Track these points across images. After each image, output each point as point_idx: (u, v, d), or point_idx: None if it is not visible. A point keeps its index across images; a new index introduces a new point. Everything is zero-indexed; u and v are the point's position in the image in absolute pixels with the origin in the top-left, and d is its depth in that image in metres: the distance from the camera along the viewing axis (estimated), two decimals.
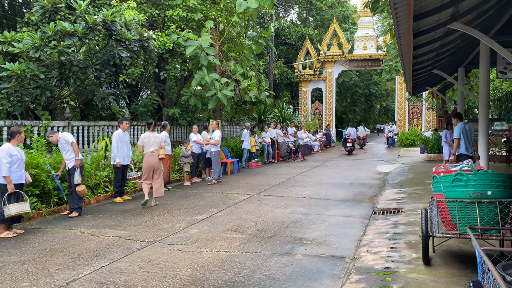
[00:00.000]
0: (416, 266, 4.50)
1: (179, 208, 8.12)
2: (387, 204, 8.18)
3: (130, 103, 16.92)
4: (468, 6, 5.77)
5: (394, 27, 5.06)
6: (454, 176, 4.08)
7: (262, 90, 16.80)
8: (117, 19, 10.21)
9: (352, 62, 29.39)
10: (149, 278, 4.40)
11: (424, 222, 4.33)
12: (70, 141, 7.33)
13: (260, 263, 4.90)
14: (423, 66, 10.07)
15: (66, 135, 7.46)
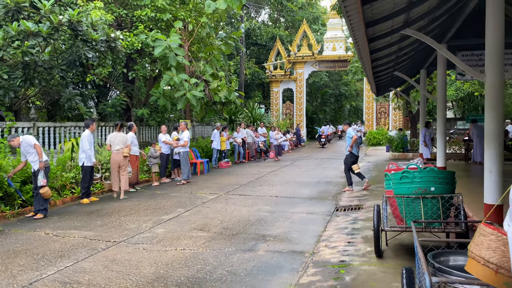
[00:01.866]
0: (369, 259, 4.79)
1: (146, 208, 8.18)
2: (349, 201, 8.52)
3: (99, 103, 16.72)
4: (419, 13, 6.14)
5: (350, 33, 5.34)
6: (402, 173, 4.39)
7: (232, 90, 16.96)
8: (83, 19, 10.14)
9: (321, 63, 29.97)
10: (113, 277, 4.50)
11: (376, 217, 4.63)
12: (33, 143, 7.31)
13: (223, 259, 5.08)
14: (384, 68, 10.51)
15: (28, 138, 7.43)
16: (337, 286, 4.06)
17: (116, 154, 9.34)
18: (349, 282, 4.15)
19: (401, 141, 17.62)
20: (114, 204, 8.67)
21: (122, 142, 9.42)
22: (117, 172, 9.37)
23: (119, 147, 9.35)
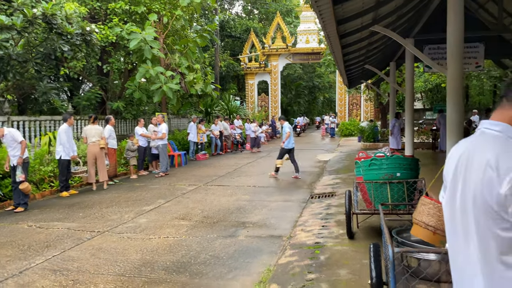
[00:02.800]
0: (341, 240, 5.18)
1: (127, 200, 8.34)
2: (323, 189, 8.94)
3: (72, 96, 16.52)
4: (387, 10, 6.53)
5: (323, 30, 5.66)
6: (371, 161, 4.77)
7: (208, 83, 17.09)
8: (57, 13, 10.07)
9: (295, 55, 30.37)
10: (101, 264, 4.71)
11: (348, 202, 5.01)
12: (20, 139, 7.41)
13: (206, 245, 5.36)
14: (356, 61, 10.94)
15: (14, 132, 7.47)
16: (313, 264, 4.42)
17: (92, 146, 9.56)
18: (323, 261, 4.51)
19: (372, 132, 18.26)
20: (94, 196, 8.78)
21: (98, 134, 9.63)
22: (93, 165, 9.58)
23: (95, 139, 9.59)
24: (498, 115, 1.40)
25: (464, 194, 1.38)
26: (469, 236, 1.36)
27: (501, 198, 1.23)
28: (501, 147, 1.29)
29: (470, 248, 1.36)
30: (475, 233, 1.33)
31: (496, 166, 1.25)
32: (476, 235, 1.33)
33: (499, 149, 1.29)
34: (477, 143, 1.40)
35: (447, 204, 1.50)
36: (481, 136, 1.41)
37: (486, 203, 1.27)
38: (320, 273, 4.17)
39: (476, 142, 1.41)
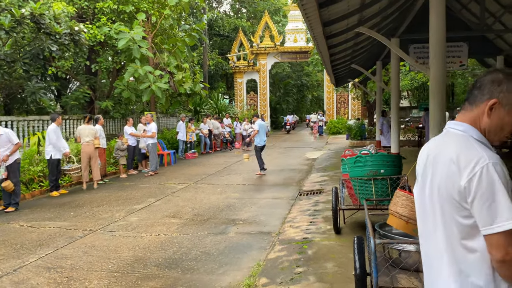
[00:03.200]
0: (328, 235, 5.36)
1: (117, 199, 8.41)
2: (311, 186, 9.12)
3: (59, 96, 16.46)
4: (372, 12, 6.72)
5: (309, 32, 5.82)
6: (356, 158, 4.95)
7: (197, 82, 17.16)
8: (46, 12, 10.06)
9: (284, 54, 30.55)
10: (94, 261, 4.81)
11: (334, 198, 5.18)
12: (15, 141, 7.45)
13: (197, 242, 5.48)
14: (342, 61, 11.15)
15: (10, 133, 7.53)
16: (301, 259, 4.58)
17: (86, 146, 9.60)
18: (311, 255, 4.68)
19: (359, 130, 18.53)
20: (84, 195, 8.83)
21: (92, 134, 9.67)
22: (87, 164, 9.62)
23: (88, 139, 9.62)
24: (461, 116, 1.56)
25: (432, 186, 1.54)
26: (436, 224, 1.52)
27: (461, 189, 1.39)
28: (462, 144, 1.45)
29: (437, 234, 1.52)
30: (440, 220, 1.49)
31: (457, 161, 1.41)
32: (442, 223, 1.49)
33: (460, 146, 1.45)
34: (443, 141, 1.57)
35: (418, 196, 1.66)
36: (446, 135, 1.58)
37: (449, 194, 1.44)
38: (307, 266, 4.33)
39: (443, 140, 1.57)
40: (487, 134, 1.51)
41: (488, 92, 1.48)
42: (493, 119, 1.48)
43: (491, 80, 1.49)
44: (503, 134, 1.51)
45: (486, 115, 1.48)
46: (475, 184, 1.35)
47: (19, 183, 7.76)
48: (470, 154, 1.40)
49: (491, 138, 1.51)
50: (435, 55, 6.21)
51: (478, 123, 1.51)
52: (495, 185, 1.33)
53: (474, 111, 1.52)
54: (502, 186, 1.33)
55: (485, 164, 1.35)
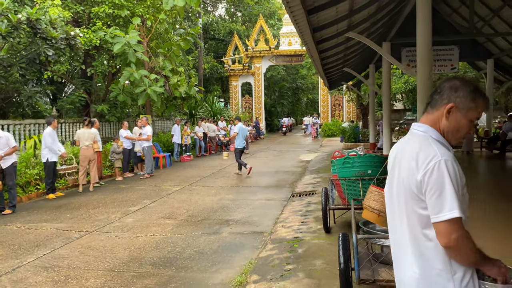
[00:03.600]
0: (319, 235, 5.52)
1: (113, 201, 8.54)
2: (304, 188, 9.29)
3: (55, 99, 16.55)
4: (361, 17, 6.92)
5: (300, 37, 6.01)
6: (344, 159, 5.13)
7: (192, 85, 17.32)
8: (42, 17, 10.19)
9: (278, 57, 30.79)
10: (91, 260, 4.94)
11: (324, 198, 5.35)
12: (13, 145, 7.60)
13: (191, 242, 5.63)
14: (335, 65, 11.35)
15: (10, 136, 7.68)
16: (291, 257, 4.74)
17: (86, 150, 9.78)
18: (301, 253, 4.84)
19: (353, 132, 18.74)
20: (80, 198, 8.95)
21: (91, 138, 9.84)
22: (86, 167, 9.80)
23: (88, 143, 9.79)
24: (424, 119, 1.74)
25: (398, 181, 1.72)
26: (402, 216, 1.69)
27: (418, 183, 1.57)
28: (422, 143, 1.63)
29: (403, 225, 1.69)
30: (405, 213, 1.66)
31: (416, 158, 1.59)
32: (406, 215, 1.66)
33: (420, 145, 1.63)
34: (408, 140, 1.75)
35: (387, 190, 1.83)
36: (411, 135, 1.76)
37: (410, 187, 1.61)
38: (297, 264, 4.49)
39: (408, 140, 1.75)
40: (445, 135, 1.68)
41: (446, 97, 1.66)
42: (451, 121, 1.66)
43: (450, 86, 1.67)
44: (460, 135, 1.68)
45: (444, 117, 1.66)
46: (427, 177, 1.53)
47: (15, 186, 7.87)
48: (427, 152, 1.57)
49: (449, 138, 1.69)
50: (422, 59, 6.41)
51: (438, 124, 1.69)
52: (444, 179, 1.51)
53: (435, 114, 1.70)
54: (451, 180, 1.51)
55: (438, 160, 1.53)
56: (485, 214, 6.05)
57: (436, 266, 1.58)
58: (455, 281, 1.56)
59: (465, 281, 1.56)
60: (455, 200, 1.49)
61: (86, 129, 9.97)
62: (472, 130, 1.72)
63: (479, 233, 2.10)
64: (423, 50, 6.33)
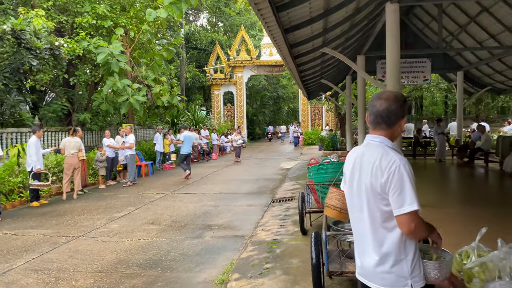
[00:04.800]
0: (296, 236, 5.89)
1: (98, 208, 8.73)
2: (284, 194, 9.68)
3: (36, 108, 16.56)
4: (335, 34, 7.40)
5: (278, 53, 6.43)
6: (319, 166, 5.53)
7: (174, 95, 17.58)
8: (26, 28, 10.37)
9: (260, 67, 31.32)
10: (79, 263, 5.18)
11: (300, 202, 5.74)
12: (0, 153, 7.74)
13: (175, 245, 5.92)
14: (312, 76, 11.86)
15: None
16: (270, 257, 5.10)
17: (71, 158, 9.98)
18: (279, 253, 5.20)
19: (331, 141, 19.29)
20: (65, 205, 9.10)
21: (76, 147, 10.08)
22: (70, 176, 9.98)
23: (73, 151, 10.00)
24: (377, 131, 2.11)
25: (359, 183, 2.09)
26: (363, 210, 2.07)
27: (382, 184, 1.95)
28: (381, 152, 2.01)
29: (364, 219, 2.07)
30: (366, 209, 2.04)
31: (379, 164, 1.97)
32: (367, 210, 2.04)
33: (381, 153, 2.00)
34: (366, 149, 2.12)
35: (347, 190, 2.21)
36: (368, 145, 2.13)
37: (374, 188, 1.99)
38: (275, 262, 4.85)
39: (365, 149, 2.12)
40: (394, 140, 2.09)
41: (400, 113, 2.06)
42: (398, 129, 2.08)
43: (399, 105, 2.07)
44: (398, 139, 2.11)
45: (400, 129, 2.07)
46: (390, 179, 1.92)
47: None
48: (387, 158, 1.97)
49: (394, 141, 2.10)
50: (391, 73, 6.91)
51: (394, 135, 2.09)
52: (404, 179, 1.90)
53: (392, 128, 2.08)
54: (409, 180, 1.91)
55: (398, 164, 1.92)
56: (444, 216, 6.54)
57: (392, 251, 1.97)
58: (407, 262, 1.96)
59: (414, 261, 1.97)
60: (414, 196, 1.89)
61: (72, 138, 10.16)
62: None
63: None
64: (392, 65, 6.83)
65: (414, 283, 1.93)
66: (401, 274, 1.94)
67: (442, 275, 1.97)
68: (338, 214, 3.28)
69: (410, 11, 14.05)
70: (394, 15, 6.75)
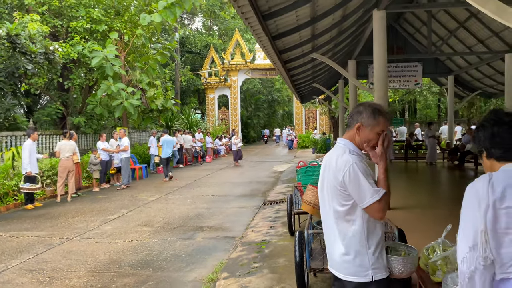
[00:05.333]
0: (284, 237, 6.06)
1: (91, 210, 8.85)
2: (275, 196, 9.84)
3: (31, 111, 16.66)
4: (324, 40, 7.60)
5: (268, 58, 6.61)
6: (306, 168, 5.71)
7: (169, 98, 17.73)
8: (21, 33, 10.49)
9: (254, 71, 31.53)
10: (73, 263, 5.31)
11: (289, 204, 5.91)
12: None
13: (167, 246, 6.06)
14: (304, 81, 12.06)
15: None
16: (258, 256, 5.26)
17: (66, 161, 10.09)
18: (267, 253, 5.36)
19: (325, 144, 19.51)
20: (59, 208, 9.21)
21: (71, 150, 10.21)
22: (65, 178, 10.08)
23: (68, 154, 10.12)
24: (344, 135, 2.30)
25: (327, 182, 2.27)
26: (330, 208, 2.24)
27: (340, 182, 2.12)
28: (340, 153, 2.19)
29: (330, 214, 2.24)
30: (331, 203, 2.22)
31: (336, 164, 2.15)
32: (332, 206, 2.21)
33: (339, 154, 2.19)
34: (333, 151, 2.31)
35: (319, 188, 2.39)
36: (335, 147, 2.32)
37: (334, 185, 2.16)
38: (263, 262, 5.01)
39: (333, 151, 2.32)
40: (360, 146, 2.26)
41: (355, 119, 2.24)
42: (361, 136, 2.23)
43: (357, 111, 2.25)
44: (371, 144, 2.24)
45: (356, 134, 2.24)
46: (347, 178, 2.09)
47: None
48: (342, 159, 2.14)
49: (363, 148, 2.25)
50: (378, 78, 7.11)
51: (354, 139, 2.26)
52: (358, 176, 2.07)
53: (351, 132, 2.27)
54: (363, 175, 2.07)
55: (351, 164, 2.09)
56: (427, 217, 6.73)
57: (354, 243, 2.14)
58: (369, 254, 2.13)
59: (377, 253, 2.13)
60: (371, 188, 2.06)
61: (67, 141, 10.28)
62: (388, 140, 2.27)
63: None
64: (379, 70, 7.03)
65: (374, 273, 2.09)
66: (363, 264, 2.11)
67: (406, 270, 2.13)
68: (312, 209, 3.51)
69: (400, 16, 14.31)
70: (381, 21, 6.95)
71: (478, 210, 1.55)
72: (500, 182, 1.56)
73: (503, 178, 1.57)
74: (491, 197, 1.54)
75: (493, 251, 1.52)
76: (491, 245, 1.53)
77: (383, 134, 2.26)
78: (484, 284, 1.53)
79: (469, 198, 1.62)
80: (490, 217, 1.53)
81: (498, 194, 1.54)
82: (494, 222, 1.53)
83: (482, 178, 1.61)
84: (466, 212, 1.63)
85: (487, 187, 1.57)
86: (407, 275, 2.17)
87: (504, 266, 1.53)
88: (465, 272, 1.56)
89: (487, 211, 1.53)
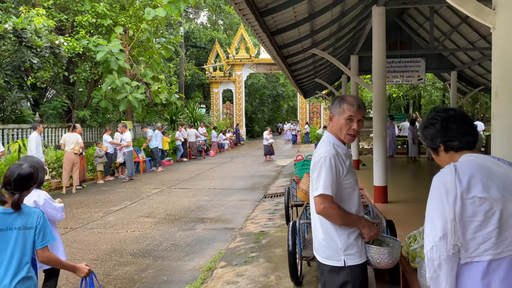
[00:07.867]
0: (282, 229, 6.20)
1: (95, 202, 9.05)
2: (276, 190, 9.99)
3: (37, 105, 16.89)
4: (324, 36, 7.67)
5: (268, 53, 6.71)
6: (303, 162, 5.84)
7: (173, 92, 17.89)
8: (27, 27, 10.66)
9: (259, 65, 31.58)
10: (76, 252, 5.50)
11: (286, 196, 6.05)
12: (1, 150, 8.03)
13: (168, 236, 6.23)
14: (306, 76, 12.13)
15: None
16: (255, 246, 5.41)
17: (71, 153, 10.26)
18: (264, 243, 5.51)
19: None
20: (64, 199, 9.26)
21: (75, 142, 10.40)
22: (69, 170, 10.25)
23: (73, 146, 10.30)
24: (328, 128, 2.43)
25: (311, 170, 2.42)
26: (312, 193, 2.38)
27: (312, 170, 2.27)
28: (320, 145, 2.33)
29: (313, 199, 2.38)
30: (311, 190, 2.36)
31: (314, 155, 2.30)
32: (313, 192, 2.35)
33: (319, 146, 2.33)
34: (319, 143, 2.44)
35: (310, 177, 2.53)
36: (321, 140, 2.45)
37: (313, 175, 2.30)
38: (260, 252, 5.16)
39: (319, 143, 2.45)
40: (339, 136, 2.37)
41: (330, 110, 2.38)
42: (334, 125, 2.36)
43: (331, 102, 2.39)
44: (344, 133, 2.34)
45: (330, 124, 2.37)
46: (316, 167, 2.24)
47: None
48: (319, 150, 2.29)
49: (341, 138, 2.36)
50: (376, 74, 7.19)
51: (332, 130, 2.39)
52: (323, 168, 2.20)
53: (330, 124, 2.40)
54: (327, 170, 2.19)
55: (323, 156, 2.23)
56: None
57: (329, 229, 2.27)
58: (341, 239, 2.24)
59: (350, 240, 2.24)
60: (327, 183, 2.17)
61: (72, 134, 10.45)
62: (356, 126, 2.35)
63: None
64: (378, 66, 7.11)
65: (347, 259, 2.20)
66: (335, 249, 2.23)
67: (383, 260, 2.20)
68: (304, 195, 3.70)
69: (404, 12, 14.30)
70: (380, 17, 7.02)
71: (447, 200, 1.61)
72: (465, 173, 1.64)
73: (467, 168, 1.66)
74: (458, 188, 1.60)
75: (460, 238, 1.62)
76: (458, 233, 1.62)
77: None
78: (452, 269, 1.64)
79: (436, 189, 1.67)
80: (458, 207, 1.59)
81: (465, 185, 1.60)
82: (462, 211, 1.59)
83: (447, 169, 1.68)
84: (434, 202, 1.68)
85: (454, 178, 1.62)
86: (385, 266, 2.25)
87: (468, 251, 1.63)
88: (434, 259, 1.65)
89: (456, 201, 1.59)
